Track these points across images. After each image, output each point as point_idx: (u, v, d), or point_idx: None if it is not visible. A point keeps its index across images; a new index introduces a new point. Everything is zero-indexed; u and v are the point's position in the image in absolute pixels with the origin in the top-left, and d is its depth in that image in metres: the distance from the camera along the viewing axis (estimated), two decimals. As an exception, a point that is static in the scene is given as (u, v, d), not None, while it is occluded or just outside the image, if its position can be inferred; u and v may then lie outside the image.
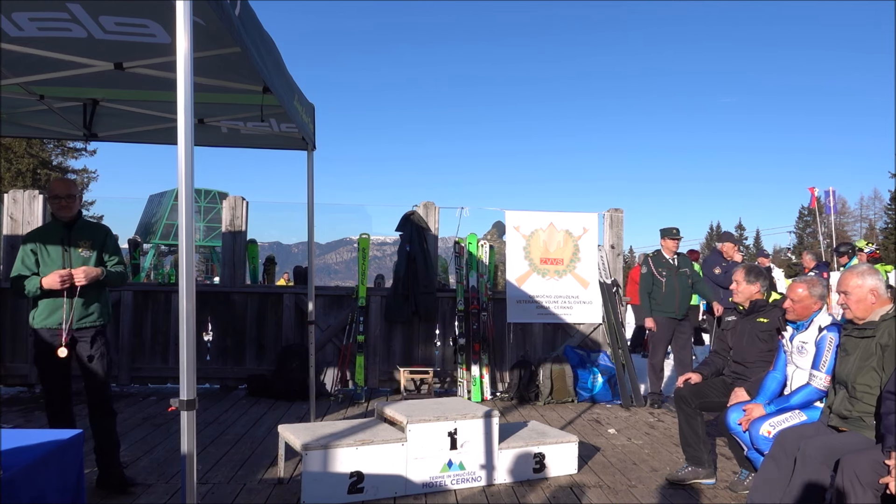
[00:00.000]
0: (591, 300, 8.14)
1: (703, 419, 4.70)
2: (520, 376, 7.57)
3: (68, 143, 35.22)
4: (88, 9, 3.21)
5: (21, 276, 4.09)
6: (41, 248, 4.14)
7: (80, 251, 4.18)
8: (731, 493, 4.41)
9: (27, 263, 4.11)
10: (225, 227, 8.08)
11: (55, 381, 4.14)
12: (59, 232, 4.18)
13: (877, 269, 3.71)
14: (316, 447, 4.06)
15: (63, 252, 4.13)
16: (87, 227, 4.31)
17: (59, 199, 4.19)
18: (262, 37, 3.56)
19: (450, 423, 4.38)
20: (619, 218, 8.42)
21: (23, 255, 4.14)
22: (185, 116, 2.41)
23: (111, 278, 4.26)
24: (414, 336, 8.04)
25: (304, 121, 5.01)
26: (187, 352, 2.43)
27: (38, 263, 4.12)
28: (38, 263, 4.12)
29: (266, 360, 7.86)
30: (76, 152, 38.80)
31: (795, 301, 4.14)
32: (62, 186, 4.25)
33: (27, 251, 4.13)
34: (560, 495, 4.34)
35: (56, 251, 4.13)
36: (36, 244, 4.14)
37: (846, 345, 3.66)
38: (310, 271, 5.99)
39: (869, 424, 3.42)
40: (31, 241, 4.18)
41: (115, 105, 4.93)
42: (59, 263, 4.11)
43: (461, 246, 8.07)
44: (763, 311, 4.66)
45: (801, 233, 60.14)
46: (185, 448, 2.47)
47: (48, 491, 2.29)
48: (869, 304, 3.56)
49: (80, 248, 4.18)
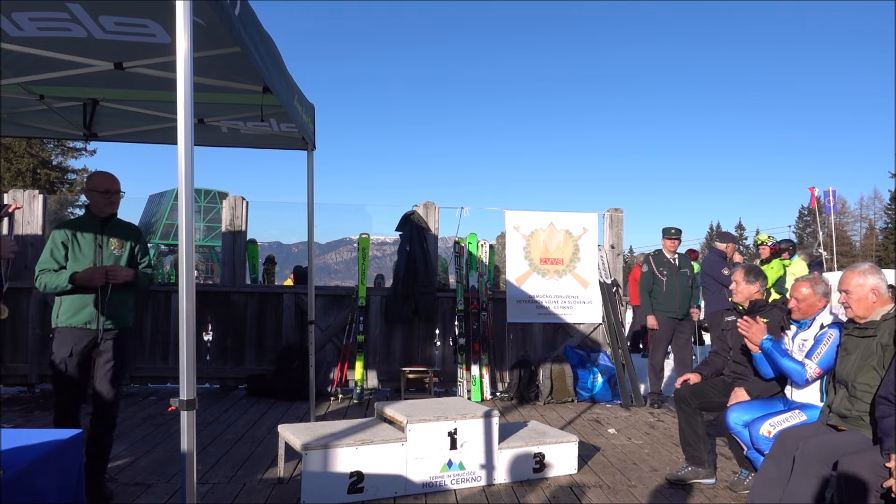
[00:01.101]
0: (591, 300, 8.14)
1: (703, 419, 4.70)
2: (520, 376, 7.58)
3: (68, 142, 35.24)
4: (88, 9, 3.21)
5: (48, 269, 3.88)
6: (73, 241, 3.93)
7: (113, 249, 4.02)
8: (731, 493, 4.41)
9: (56, 256, 3.90)
10: (225, 227, 8.09)
11: (72, 385, 3.94)
12: (94, 227, 4.00)
13: (878, 269, 3.68)
14: (316, 447, 4.06)
15: (96, 248, 3.96)
16: (120, 225, 4.15)
17: (108, 194, 4.00)
18: (262, 37, 3.56)
19: (450, 423, 4.38)
20: (619, 218, 8.42)
21: (52, 246, 3.93)
22: (185, 116, 2.41)
23: (142, 281, 4.13)
24: (414, 336, 8.04)
25: (304, 121, 5.01)
26: (187, 352, 2.43)
27: (67, 257, 3.92)
28: (68, 257, 3.92)
29: (266, 360, 7.86)
30: (76, 152, 38.80)
31: (800, 300, 4.15)
32: (112, 181, 4.05)
33: (57, 243, 3.92)
34: (560, 495, 4.35)
35: (88, 246, 3.95)
36: (68, 237, 3.93)
37: (847, 344, 3.67)
38: (310, 271, 5.99)
39: (868, 424, 3.42)
40: (63, 234, 3.95)
41: (115, 105, 4.94)
42: (90, 259, 3.92)
43: (461, 246, 8.07)
44: (763, 310, 4.66)
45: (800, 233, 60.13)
46: (184, 448, 2.47)
47: (48, 491, 2.29)
48: (870, 303, 3.57)
49: (113, 245, 4.03)
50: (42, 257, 3.94)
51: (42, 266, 3.91)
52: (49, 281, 3.87)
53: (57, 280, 3.85)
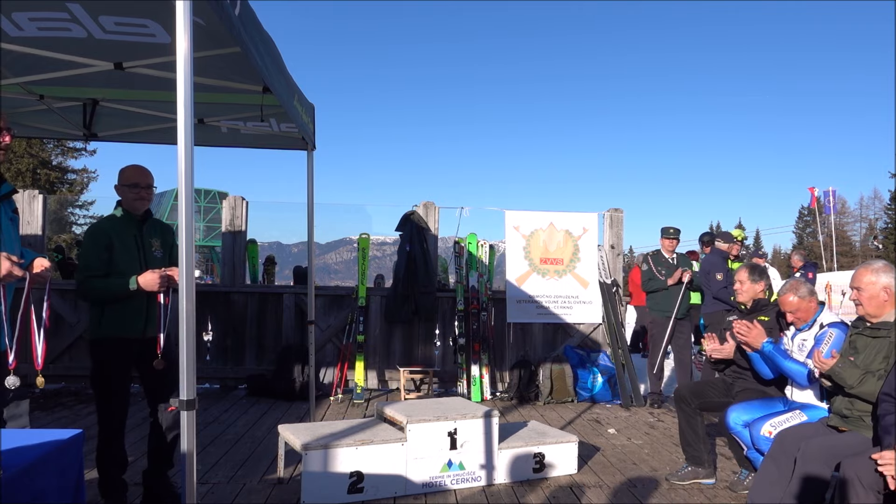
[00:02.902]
0: (590, 300, 8.14)
1: (703, 419, 4.70)
2: (520, 376, 7.58)
3: (68, 142, 35.21)
4: (88, 9, 3.21)
5: (96, 274, 3.57)
6: (116, 243, 3.62)
7: (153, 250, 3.75)
8: (731, 493, 4.41)
9: (103, 260, 3.58)
10: (225, 227, 8.09)
11: (121, 404, 3.65)
12: (133, 227, 3.71)
13: (892, 267, 3.57)
14: (316, 447, 4.06)
15: (139, 250, 3.69)
16: (157, 224, 3.88)
17: (139, 189, 3.68)
18: (262, 37, 3.56)
19: (450, 423, 4.38)
20: (619, 218, 8.42)
21: (95, 250, 3.60)
22: (185, 116, 2.41)
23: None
24: (414, 336, 8.04)
25: (304, 121, 5.01)
26: (187, 352, 2.43)
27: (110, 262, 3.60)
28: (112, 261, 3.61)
29: (266, 360, 7.86)
30: (76, 152, 38.79)
31: (794, 311, 4.14)
32: (144, 175, 3.70)
33: (100, 246, 3.60)
34: (560, 495, 4.34)
35: (131, 249, 3.67)
36: (110, 239, 3.62)
37: (857, 342, 3.62)
38: (310, 271, 5.99)
39: (868, 424, 3.41)
40: (103, 236, 3.64)
41: (115, 105, 4.94)
42: (136, 262, 3.63)
43: (461, 246, 8.07)
44: (765, 309, 4.66)
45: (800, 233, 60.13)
46: (185, 448, 2.47)
47: (48, 491, 2.29)
48: (881, 302, 3.50)
49: (154, 246, 3.75)
50: (84, 262, 3.66)
51: (89, 272, 3.59)
52: (103, 287, 3.57)
53: (111, 286, 3.55)
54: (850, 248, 58.15)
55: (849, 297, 3.75)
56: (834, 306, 12.67)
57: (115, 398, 3.67)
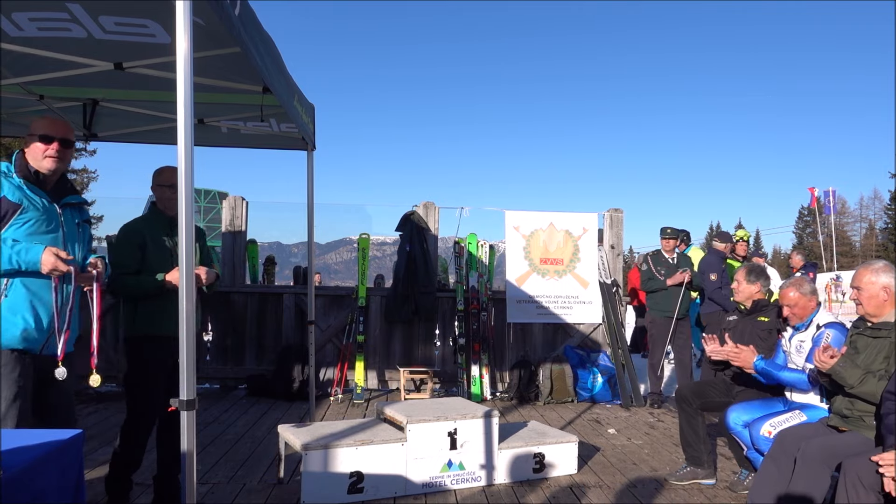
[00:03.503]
0: (590, 300, 8.14)
1: (703, 419, 4.70)
2: (520, 376, 7.58)
3: (68, 143, 35.16)
4: (88, 9, 3.21)
5: (127, 272, 3.61)
6: (148, 242, 3.66)
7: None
8: (731, 493, 4.41)
9: (135, 258, 3.63)
10: (225, 227, 8.09)
11: (158, 405, 3.59)
12: (165, 227, 3.75)
13: (893, 267, 3.57)
14: (316, 447, 4.06)
15: (169, 250, 3.70)
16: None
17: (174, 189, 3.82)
18: (262, 37, 3.56)
19: (450, 423, 4.38)
20: (619, 218, 8.42)
21: (128, 249, 3.66)
22: (185, 116, 2.41)
23: (216, 284, 3.88)
24: (414, 336, 8.04)
25: (304, 121, 5.01)
26: (187, 352, 2.44)
27: (143, 260, 3.64)
28: (144, 259, 3.64)
29: (266, 360, 7.86)
30: (76, 152, 38.82)
31: (792, 306, 4.15)
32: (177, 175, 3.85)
33: (133, 245, 3.65)
34: (560, 495, 4.34)
35: (163, 249, 3.70)
36: (143, 238, 3.67)
37: (857, 342, 3.62)
38: (310, 271, 5.99)
39: (869, 424, 3.41)
40: (137, 235, 3.69)
41: (115, 105, 4.94)
42: (168, 261, 3.63)
43: (461, 246, 8.07)
44: (765, 310, 4.66)
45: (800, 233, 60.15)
46: (184, 448, 2.47)
47: (48, 491, 2.28)
48: (881, 301, 3.51)
49: None
50: (117, 259, 3.67)
51: (120, 269, 3.62)
52: (134, 284, 3.60)
53: (143, 283, 3.58)
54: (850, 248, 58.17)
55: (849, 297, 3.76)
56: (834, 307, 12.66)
57: (153, 399, 3.63)
